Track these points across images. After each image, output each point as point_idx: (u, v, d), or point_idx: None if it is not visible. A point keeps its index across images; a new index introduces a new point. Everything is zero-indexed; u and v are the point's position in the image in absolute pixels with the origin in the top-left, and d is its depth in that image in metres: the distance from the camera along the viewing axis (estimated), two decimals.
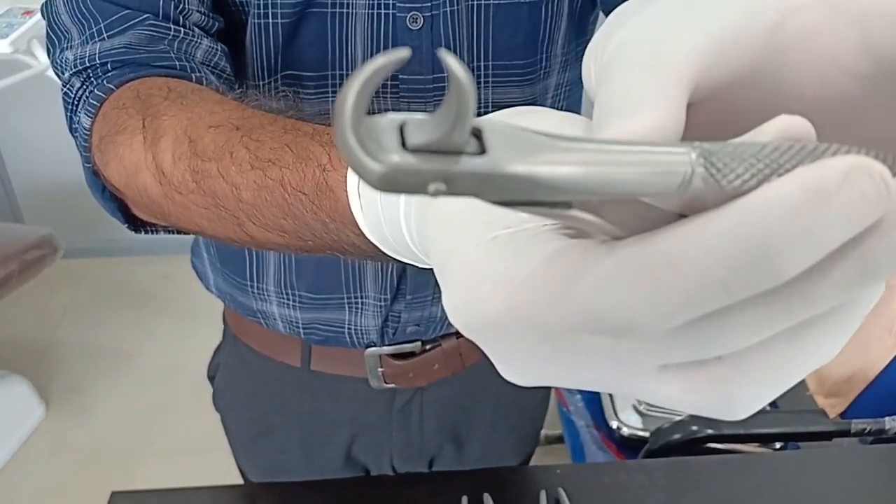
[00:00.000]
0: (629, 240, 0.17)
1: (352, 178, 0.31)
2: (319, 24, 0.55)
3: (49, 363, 2.13)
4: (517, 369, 0.21)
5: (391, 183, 0.14)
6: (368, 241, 0.31)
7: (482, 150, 0.15)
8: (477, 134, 0.15)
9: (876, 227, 0.15)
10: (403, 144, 0.14)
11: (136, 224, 0.51)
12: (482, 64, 0.59)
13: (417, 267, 0.30)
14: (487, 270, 0.19)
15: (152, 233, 0.51)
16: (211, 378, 0.87)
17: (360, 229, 0.31)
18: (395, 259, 0.31)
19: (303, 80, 0.58)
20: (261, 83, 0.58)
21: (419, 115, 0.15)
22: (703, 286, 0.15)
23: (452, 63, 0.13)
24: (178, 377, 2.04)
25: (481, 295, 0.19)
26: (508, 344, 0.20)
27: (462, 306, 0.20)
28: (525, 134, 0.15)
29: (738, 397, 0.19)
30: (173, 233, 0.48)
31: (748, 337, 0.17)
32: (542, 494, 0.69)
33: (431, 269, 0.23)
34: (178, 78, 0.47)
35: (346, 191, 0.31)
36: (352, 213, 0.31)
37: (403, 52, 0.14)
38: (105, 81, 0.47)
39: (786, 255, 0.15)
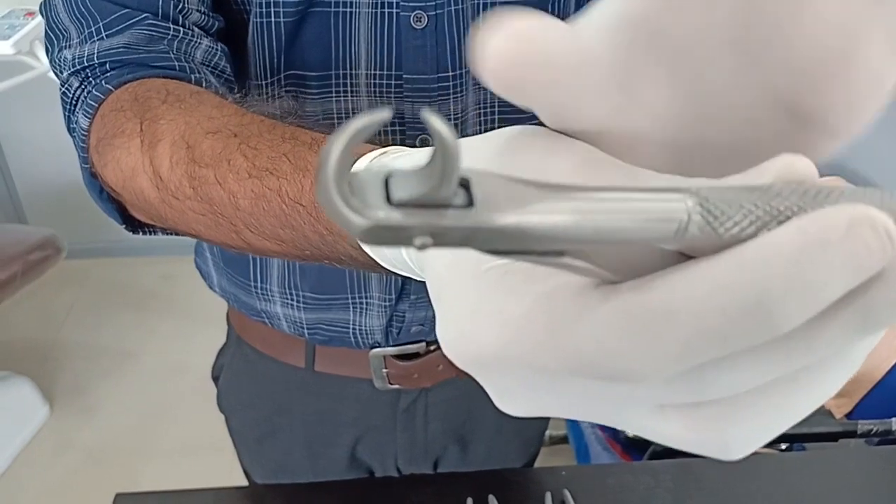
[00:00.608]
0: (625, 286, 0.16)
1: None
2: (322, 24, 0.55)
3: (53, 364, 2.13)
4: (510, 401, 0.21)
5: (376, 238, 0.14)
6: (366, 254, 0.31)
7: (470, 202, 0.14)
8: (465, 184, 0.15)
9: (877, 279, 0.15)
10: (388, 198, 0.14)
11: (133, 225, 0.51)
12: None
13: None
14: (481, 306, 0.19)
15: (150, 234, 0.51)
16: (215, 379, 0.87)
17: (357, 242, 0.31)
18: (392, 272, 0.31)
19: (305, 79, 0.57)
20: (263, 83, 0.57)
21: (404, 168, 0.15)
22: (701, 337, 0.15)
23: (436, 123, 0.13)
24: (181, 377, 2.04)
25: (475, 331, 0.19)
26: (502, 378, 0.20)
27: (455, 341, 0.19)
28: (513, 184, 0.15)
29: (734, 437, 0.18)
30: (171, 234, 0.48)
31: (747, 382, 0.17)
32: (548, 496, 0.69)
33: None
34: (176, 79, 0.47)
35: None
36: None
37: (385, 114, 0.14)
38: (103, 82, 0.46)
39: (785, 307, 0.15)
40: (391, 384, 0.74)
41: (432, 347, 0.73)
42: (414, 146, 0.61)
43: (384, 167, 0.15)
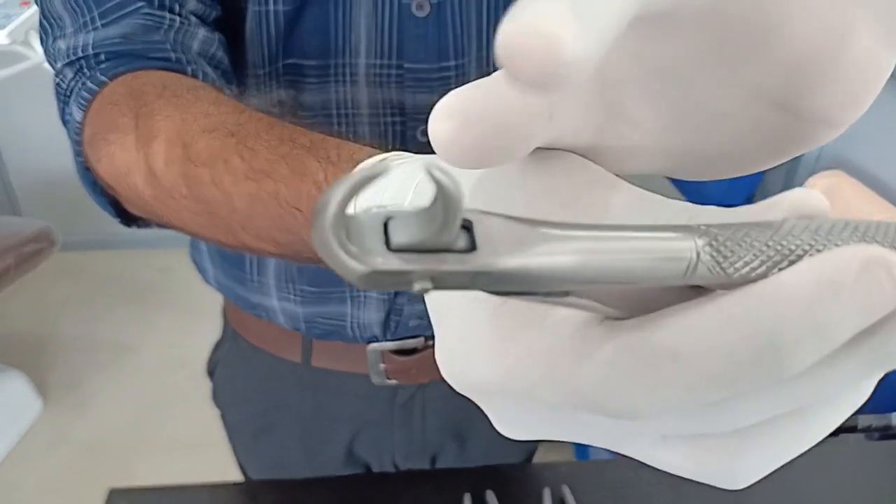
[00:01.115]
0: (629, 323, 0.16)
1: None
2: (322, 12, 0.54)
3: (47, 357, 2.12)
4: (510, 426, 0.20)
5: (374, 283, 0.14)
6: None
7: (471, 244, 0.14)
8: (466, 225, 0.14)
9: (889, 319, 0.15)
10: (388, 241, 0.14)
11: (128, 219, 0.50)
12: (491, 53, 0.58)
13: None
14: (483, 334, 0.18)
15: (144, 227, 0.50)
16: (210, 373, 0.86)
17: None
18: None
19: (304, 68, 0.57)
20: (261, 72, 0.57)
21: (404, 210, 0.14)
22: (707, 380, 0.15)
23: (440, 176, 0.13)
24: (177, 371, 2.04)
25: (475, 359, 0.18)
26: (501, 404, 0.19)
27: (455, 367, 0.19)
28: (516, 224, 0.15)
29: (739, 468, 0.18)
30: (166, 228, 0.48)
31: (753, 418, 0.17)
32: (546, 492, 0.68)
33: None
34: (172, 71, 0.46)
35: None
36: None
37: (388, 166, 0.14)
38: (98, 73, 0.46)
39: (796, 349, 0.14)
40: (389, 379, 0.73)
41: (430, 342, 0.72)
42: (415, 137, 0.60)
43: (383, 209, 0.14)
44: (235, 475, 0.88)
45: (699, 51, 0.18)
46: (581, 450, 1.38)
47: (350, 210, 0.13)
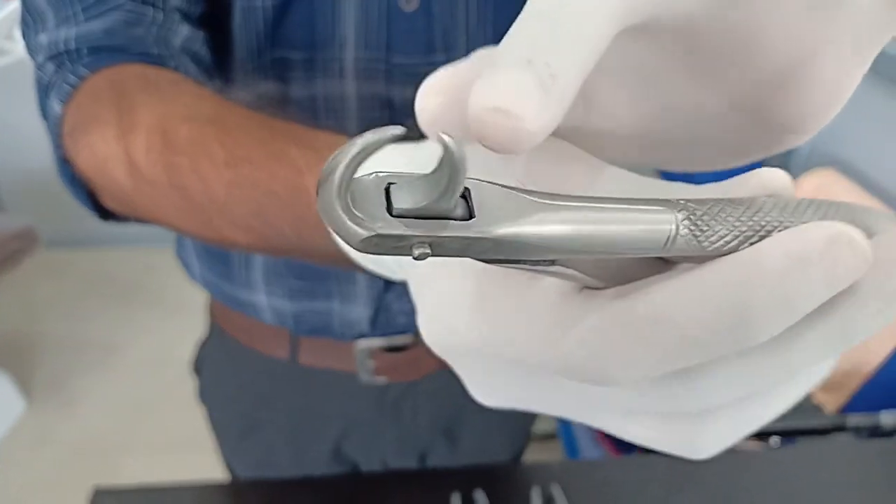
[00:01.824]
0: (609, 293, 0.17)
1: None
2: (309, 6, 0.54)
3: (31, 356, 2.10)
4: (485, 392, 0.21)
5: (374, 247, 0.14)
6: (340, 249, 0.31)
7: (468, 212, 0.15)
8: (465, 195, 0.15)
9: (852, 295, 0.16)
10: (389, 207, 0.14)
11: (105, 213, 0.49)
12: (479, 48, 0.58)
13: None
14: (466, 301, 0.19)
15: (123, 222, 0.50)
16: (197, 371, 0.85)
17: (332, 236, 0.30)
18: (363, 269, 0.30)
19: (291, 62, 0.56)
20: (249, 66, 0.56)
21: (407, 175, 0.15)
22: (682, 344, 0.16)
23: (448, 140, 0.13)
24: (163, 370, 2.02)
25: (457, 325, 0.19)
26: (479, 369, 0.20)
27: (437, 332, 0.20)
28: (511, 193, 0.16)
29: (704, 440, 0.19)
30: (143, 223, 0.47)
31: (721, 395, 0.18)
32: (536, 491, 0.68)
33: None
34: (154, 66, 0.46)
35: None
36: None
37: (397, 131, 0.14)
38: (80, 67, 0.45)
39: (765, 318, 0.15)
40: (377, 377, 0.72)
41: (419, 339, 0.72)
42: None
43: (387, 174, 0.15)
44: (222, 475, 0.87)
45: (674, 58, 0.19)
46: (571, 449, 1.38)
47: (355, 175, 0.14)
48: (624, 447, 1.24)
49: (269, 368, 0.75)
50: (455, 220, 0.15)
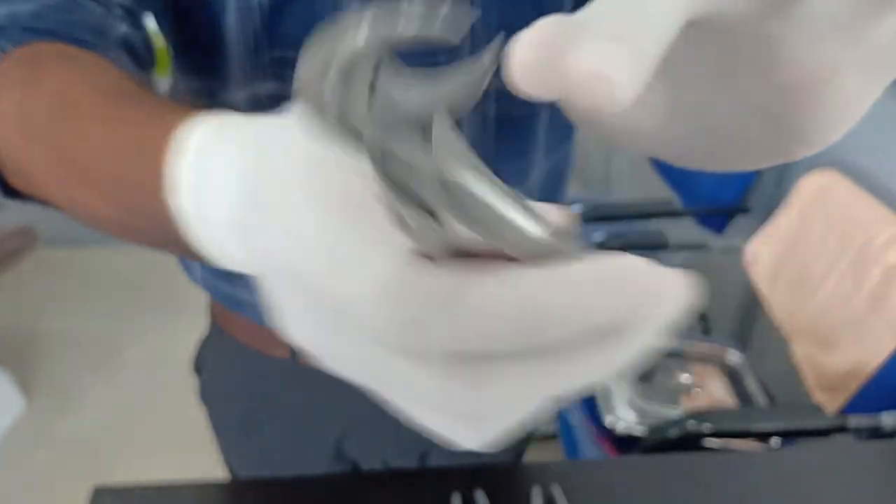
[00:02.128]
0: (449, 271, 0.19)
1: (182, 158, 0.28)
2: (310, 5, 0.53)
3: (30, 355, 2.10)
4: (287, 321, 0.24)
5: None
6: (175, 225, 0.29)
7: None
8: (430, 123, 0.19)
9: (623, 333, 0.18)
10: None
11: (8, 190, 0.47)
12: (481, 50, 0.57)
13: None
14: (297, 220, 0.21)
15: (27, 201, 0.47)
16: (197, 371, 0.85)
17: (172, 210, 0.29)
18: (200, 257, 0.29)
19: (291, 62, 0.56)
20: (247, 65, 0.56)
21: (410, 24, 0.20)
22: (486, 333, 0.18)
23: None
24: (163, 369, 2.02)
25: (284, 238, 0.21)
26: (288, 293, 0.23)
27: (256, 239, 0.22)
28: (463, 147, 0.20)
29: (487, 437, 0.22)
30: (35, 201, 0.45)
31: (510, 397, 0.20)
32: (536, 491, 0.68)
33: None
34: (82, 49, 0.45)
35: (170, 160, 0.29)
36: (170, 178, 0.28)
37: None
38: (5, 42, 0.44)
39: (557, 324, 0.18)
40: None
41: None
42: None
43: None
44: (222, 474, 0.87)
45: (708, 57, 0.21)
46: (571, 449, 1.38)
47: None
48: (624, 447, 1.24)
49: (269, 368, 0.75)
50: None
